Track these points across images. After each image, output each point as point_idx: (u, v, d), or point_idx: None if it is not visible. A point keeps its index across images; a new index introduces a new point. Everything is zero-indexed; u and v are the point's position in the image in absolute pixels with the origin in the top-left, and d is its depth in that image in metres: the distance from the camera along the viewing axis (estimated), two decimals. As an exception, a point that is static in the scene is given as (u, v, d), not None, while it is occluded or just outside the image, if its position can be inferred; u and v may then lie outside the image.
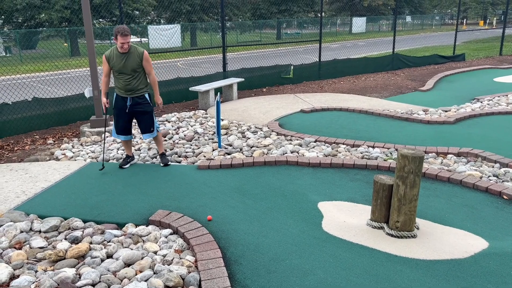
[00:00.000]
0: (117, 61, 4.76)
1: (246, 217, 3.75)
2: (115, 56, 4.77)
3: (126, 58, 4.76)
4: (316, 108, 7.93)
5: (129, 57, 4.76)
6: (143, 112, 4.99)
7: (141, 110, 4.97)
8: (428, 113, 7.51)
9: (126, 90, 4.87)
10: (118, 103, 4.96)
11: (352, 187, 4.40)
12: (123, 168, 5.08)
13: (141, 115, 5.00)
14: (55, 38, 25.56)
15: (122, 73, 4.80)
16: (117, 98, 4.98)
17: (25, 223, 3.62)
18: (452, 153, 5.34)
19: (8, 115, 6.76)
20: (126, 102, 4.92)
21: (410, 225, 3.36)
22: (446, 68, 13.49)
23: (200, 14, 30.02)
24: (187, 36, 30.88)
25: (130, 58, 4.77)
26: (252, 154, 5.55)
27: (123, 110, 4.94)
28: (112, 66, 4.81)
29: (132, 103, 4.92)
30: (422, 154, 3.22)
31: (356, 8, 43.35)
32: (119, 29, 4.60)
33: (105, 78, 4.93)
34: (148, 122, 5.04)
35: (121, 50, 4.71)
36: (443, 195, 4.16)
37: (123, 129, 5.02)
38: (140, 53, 4.80)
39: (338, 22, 45.32)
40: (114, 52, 4.79)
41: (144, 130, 5.07)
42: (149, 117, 5.03)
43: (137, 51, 4.78)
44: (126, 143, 5.17)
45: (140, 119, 5.04)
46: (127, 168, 5.10)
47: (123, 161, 5.15)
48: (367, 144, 5.73)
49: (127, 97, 4.91)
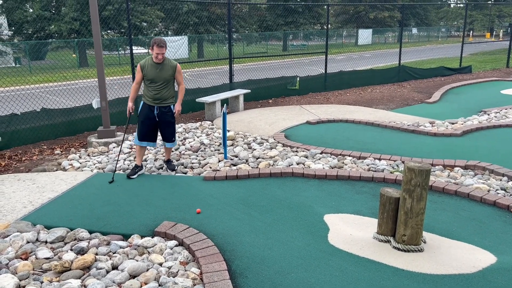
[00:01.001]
0: (151, 70, 5.01)
1: (251, 229, 3.74)
2: (149, 65, 5.02)
3: (160, 69, 5.02)
4: (322, 119, 7.94)
5: (163, 68, 5.04)
6: (168, 122, 5.23)
7: (166, 120, 5.21)
8: (435, 125, 7.49)
9: (154, 99, 5.09)
10: (145, 111, 5.15)
11: (359, 199, 4.38)
12: (130, 178, 5.12)
13: (165, 125, 5.23)
14: (64, 49, 25.88)
15: (153, 82, 5.03)
16: (144, 106, 5.18)
17: (31, 234, 3.63)
18: (459, 166, 5.31)
19: (17, 125, 6.83)
20: (153, 111, 5.12)
21: (417, 239, 3.33)
22: (452, 80, 13.47)
23: (207, 26, 30.32)
24: (194, 47, 31.17)
25: (164, 69, 5.04)
26: (258, 165, 5.56)
27: (149, 118, 5.14)
28: (145, 75, 5.04)
29: (158, 113, 5.14)
30: (429, 167, 3.21)
31: (362, 20, 43.56)
32: (156, 41, 4.88)
33: (135, 85, 5.19)
34: (171, 132, 5.29)
35: (156, 60, 4.96)
36: (450, 208, 4.13)
37: (147, 136, 5.20)
38: (174, 65, 5.10)
39: (344, 34, 45.53)
40: (148, 61, 5.04)
41: (167, 139, 5.32)
42: (172, 127, 5.30)
43: (170, 63, 5.09)
44: (141, 150, 5.30)
45: (163, 129, 5.26)
46: (134, 178, 5.12)
47: (131, 171, 5.20)
48: (373, 156, 5.72)
49: (154, 106, 5.11)
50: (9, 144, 6.74)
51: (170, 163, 5.51)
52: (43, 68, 20.22)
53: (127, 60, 24.76)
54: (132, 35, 8.21)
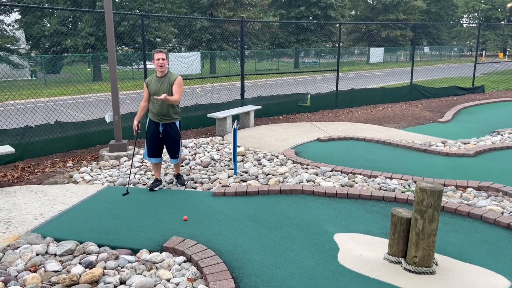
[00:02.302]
0: (153, 84, 5.05)
1: (260, 246, 3.71)
2: (153, 80, 5.08)
3: (162, 82, 5.02)
4: (333, 137, 7.92)
5: (165, 81, 5.03)
6: (172, 139, 5.21)
7: (171, 136, 5.19)
8: (447, 145, 7.42)
9: (159, 115, 5.09)
10: (151, 127, 5.18)
11: (369, 219, 4.33)
12: (153, 190, 5.21)
13: (169, 141, 5.22)
14: (79, 63, 26.38)
15: (156, 96, 5.00)
16: (150, 123, 5.21)
17: (41, 246, 3.65)
18: (471, 187, 5.23)
19: (31, 138, 6.93)
20: (158, 127, 5.14)
21: (429, 261, 3.27)
22: (465, 100, 13.38)
23: (220, 42, 30.71)
24: (206, 63, 31.51)
25: (165, 82, 5.02)
26: (267, 182, 5.54)
27: (156, 134, 5.15)
28: (149, 90, 5.08)
29: (163, 129, 5.14)
30: (441, 188, 3.17)
31: (374, 39, 43.73)
32: (158, 49, 4.97)
33: (143, 103, 5.23)
34: (175, 149, 5.26)
35: (158, 69, 4.97)
36: (463, 230, 4.05)
37: (155, 152, 5.22)
38: (174, 78, 5.04)
39: (355, 52, 45.70)
40: (153, 77, 5.11)
41: (172, 154, 5.32)
42: (176, 144, 5.26)
43: (172, 77, 5.05)
44: (156, 166, 5.33)
45: (168, 145, 5.26)
46: (144, 193, 5.13)
47: (152, 184, 5.28)
48: (384, 175, 5.67)
49: (159, 122, 5.12)
50: (23, 156, 6.83)
51: (180, 178, 5.53)
52: (58, 81, 20.59)
53: (140, 74, 25.11)
54: (146, 51, 8.34)
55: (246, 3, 33.61)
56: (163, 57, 4.94)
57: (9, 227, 4.15)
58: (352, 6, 49.74)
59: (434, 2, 52.42)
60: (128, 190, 5.14)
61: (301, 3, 38.48)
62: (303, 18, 38.46)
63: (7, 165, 6.59)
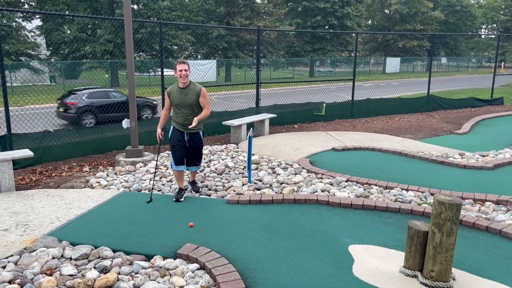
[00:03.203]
0: (176, 95, 5.01)
1: (274, 256, 3.69)
2: (175, 91, 5.03)
3: (185, 94, 4.99)
4: (348, 147, 7.86)
5: (188, 92, 4.99)
6: (197, 148, 5.22)
7: (194, 146, 5.19)
8: (465, 157, 7.30)
9: (183, 124, 5.08)
10: (175, 136, 5.14)
11: (385, 231, 4.27)
12: (179, 201, 5.08)
13: (194, 151, 5.22)
14: (97, 69, 26.84)
15: (180, 107, 5.03)
16: (174, 131, 5.17)
17: (57, 250, 3.68)
18: (490, 201, 5.13)
19: (49, 142, 7.05)
20: (183, 137, 5.12)
21: (446, 275, 3.20)
22: (483, 112, 13.18)
23: (236, 50, 30.91)
24: (222, 71, 31.75)
25: (188, 94, 4.99)
26: (281, 190, 5.52)
27: (180, 143, 5.12)
28: (172, 100, 5.06)
29: (189, 139, 5.14)
30: (460, 201, 3.11)
31: (390, 49, 43.51)
32: (180, 60, 4.96)
33: (165, 112, 5.25)
34: (197, 157, 5.29)
35: (181, 80, 4.94)
36: (481, 245, 3.97)
37: (180, 160, 5.15)
38: (198, 89, 5.01)
39: (371, 62, 45.52)
40: (175, 87, 5.08)
41: (192, 163, 5.30)
42: (199, 153, 5.29)
43: (195, 88, 5.01)
44: (180, 174, 5.25)
45: (191, 155, 5.24)
46: (159, 199, 5.15)
47: (178, 194, 5.14)
48: (400, 186, 5.59)
49: (184, 131, 5.12)
50: (41, 159, 6.95)
51: (195, 185, 5.54)
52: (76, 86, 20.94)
53: (157, 81, 25.39)
54: (163, 58, 8.44)
55: (263, 12, 33.84)
56: (186, 68, 4.91)
57: (26, 230, 4.21)
58: (368, 16, 49.68)
59: (452, 13, 52.02)
60: (152, 198, 5.12)
61: (318, 12, 38.59)
62: (319, 28, 38.54)
63: (25, 168, 6.71)
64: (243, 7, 32.82)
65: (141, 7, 27.46)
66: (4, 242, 3.92)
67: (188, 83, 5.02)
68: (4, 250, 3.76)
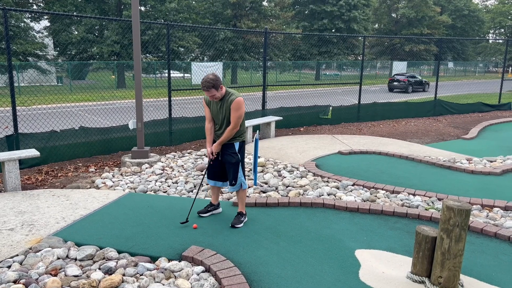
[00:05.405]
0: (213, 106, 4.41)
1: (279, 260, 3.66)
2: (213, 101, 4.40)
3: (220, 105, 4.34)
4: (355, 150, 7.82)
5: (223, 105, 4.32)
6: (228, 162, 4.43)
7: (224, 160, 4.46)
8: (472, 163, 7.23)
9: (217, 136, 4.48)
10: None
11: (392, 236, 4.22)
12: (201, 216, 4.63)
13: (226, 165, 4.49)
14: (104, 70, 26.97)
15: (216, 119, 4.45)
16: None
17: (62, 250, 3.68)
18: (498, 207, 5.07)
19: (55, 142, 7.07)
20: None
21: (454, 282, 3.15)
22: (490, 117, 13.08)
23: (242, 53, 30.96)
24: (228, 73, 31.80)
25: (223, 106, 4.32)
26: (287, 194, 5.49)
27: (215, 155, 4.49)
28: (211, 111, 4.45)
29: (221, 152, 4.47)
30: (469, 207, 3.07)
31: (397, 52, 43.40)
32: (202, 83, 4.17)
33: (208, 124, 4.48)
34: (231, 174, 4.45)
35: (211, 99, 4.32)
36: (490, 251, 3.92)
37: (212, 174, 4.61)
38: (231, 100, 4.24)
39: (378, 65, 45.42)
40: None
41: (228, 180, 4.59)
42: (233, 169, 4.43)
43: (230, 98, 4.26)
44: (213, 189, 4.75)
45: (226, 169, 4.55)
46: (164, 200, 5.14)
47: (204, 208, 4.73)
48: (407, 191, 5.54)
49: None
50: (47, 159, 6.96)
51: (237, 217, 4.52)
52: (83, 87, 21.05)
53: (163, 83, 25.47)
54: (170, 60, 8.45)
55: (270, 14, 33.87)
56: (212, 94, 4.19)
57: (31, 229, 4.21)
58: (375, 19, 49.60)
59: (459, 17, 51.79)
60: (188, 219, 4.47)
61: (324, 16, 38.58)
62: (326, 31, 38.52)
63: (31, 168, 6.73)
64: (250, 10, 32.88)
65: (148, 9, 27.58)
66: (9, 241, 3.93)
67: (224, 94, 4.30)
68: (10, 250, 3.76)
